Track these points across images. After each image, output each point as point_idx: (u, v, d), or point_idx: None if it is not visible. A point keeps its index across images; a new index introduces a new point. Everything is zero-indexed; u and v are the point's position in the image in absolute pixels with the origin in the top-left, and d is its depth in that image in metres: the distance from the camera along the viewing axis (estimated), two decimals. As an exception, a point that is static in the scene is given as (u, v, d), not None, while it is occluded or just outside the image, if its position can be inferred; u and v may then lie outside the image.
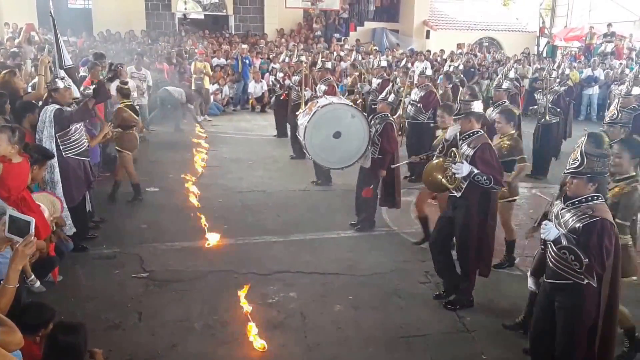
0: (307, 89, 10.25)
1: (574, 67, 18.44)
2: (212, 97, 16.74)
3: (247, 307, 5.08)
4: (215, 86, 17.23)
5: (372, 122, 7.36)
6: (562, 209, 4.02)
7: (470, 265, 5.57)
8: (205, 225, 7.12)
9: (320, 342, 4.93)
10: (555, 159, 10.91)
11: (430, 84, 10.69)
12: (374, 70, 10.73)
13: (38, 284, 5.05)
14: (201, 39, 22.30)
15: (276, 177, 9.97)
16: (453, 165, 5.23)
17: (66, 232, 6.33)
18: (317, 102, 7.84)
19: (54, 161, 6.27)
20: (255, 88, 17.83)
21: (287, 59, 18.77)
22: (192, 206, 8.02)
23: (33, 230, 3.22)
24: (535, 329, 4.38)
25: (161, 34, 22.17)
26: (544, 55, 24.09)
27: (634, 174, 4.81)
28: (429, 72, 11.56)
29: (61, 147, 6.40)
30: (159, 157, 11.04)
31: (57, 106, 6.35)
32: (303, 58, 12.12)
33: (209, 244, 6.87)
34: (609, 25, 22.98)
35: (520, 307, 5.61)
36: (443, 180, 5.52)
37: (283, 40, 23.81)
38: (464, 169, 5.13)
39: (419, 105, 10.13)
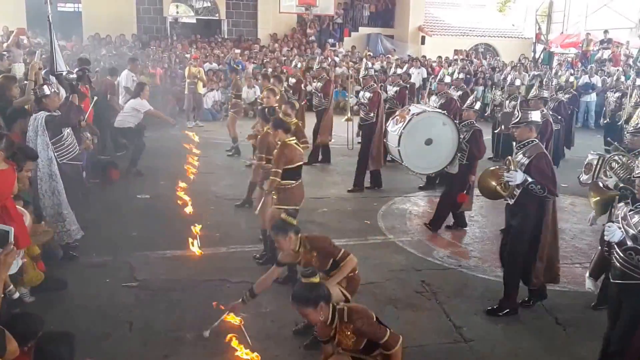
0: (351, 95, 10.41)
1: (572, 74, 18.44)
2: (207, 103, 16.67)
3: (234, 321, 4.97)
4: (213, 92, 17.15)
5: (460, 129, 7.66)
6: (631, 210, 4.00)
7: (515, 271, 5.62)
8: (197, 233, 7.00)
9: (315, 352, 4.81)
10: (556, 167, 10.84)
11: (449, 92, 10.70)
12: (390, 77, 10.73)
13: (17, 295, 4.94)
14: (193, 43, 22.21)
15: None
16: (506, 174, 5.33)
17: (74, 237, 6.40)
18: (410, 110, 8.15)
19: (55, 168, 6.23)
20: (248, 93, 17.73)
21: (299, 65, 18.70)
22: (184, 214, 7.91)
23: (12, 239, 3.15)
24: (610, 328, 4.39)
25: (152, 38, 22.06)
26: (540, 61, 24.12)
27: None
28: (447, 79, 11.65)
29: (55, 154, 6.33)
30: (150, 164, 10.89)
31: (47, 113, 6.26)
32: (342, 70, 12.07)
33: (201, 253, 6.75)
34: (606, 31, 23.06)
35: (519, 316, 5.56)
36: (497, 187, 5.67)
37: (277, 45, 23.77)
38: (517, 177, 5.22)
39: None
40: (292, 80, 13.85)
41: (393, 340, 3.76)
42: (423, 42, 26.17)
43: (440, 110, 8.37)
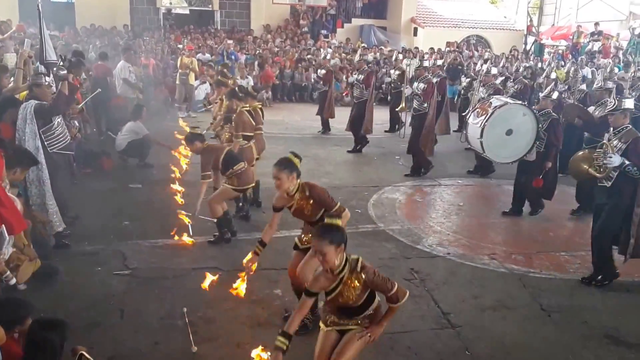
0: (407, 86, 10.64)
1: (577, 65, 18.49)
2: (199, 95, 16.64)
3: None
4: (205, 85, 17.15)
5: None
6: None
7: (607, 246, 6.18)
8: (189, 222, 7.04)
9: (304, 339, 4.88)
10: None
11: (496, 82, 11.11)
12: (417, 71, 10.88)
13: (14, 280, 4.98)
14: (186, 34, 22.15)
15: (260, 174, 9.89)
16: (606, 157, 5.85)
17: (56, 229, 6.34)
18: (491, 102, 8.57)
19: (41, 158, 6.22)
20: (241, 84, 17.72)
21: (328, 57, 18.80)
22: (176, 203, 7.94)
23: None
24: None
25: (145, 29, 21.99)
26: (532, 53, 24.22)
27: None
28: (494, 71, 12.04)
29: (46, 143, 6.34)
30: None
31: (36, 101, 6.27)
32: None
33: (192, 241, 6.81)
34: (596, 24, 23.16)
35: (505, 303, 5.65)
36: (590, 170, 6.24)
37: (269, 36, 23.75)
38: (615, 160, 5.76)
39: None
40: (322, 72, 14.18)
41: (401, 293, 3.79)
42: (415, 34, 26.22)
43: (520, 102, 8.86)
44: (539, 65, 19.27)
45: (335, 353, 3.88)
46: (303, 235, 4.96)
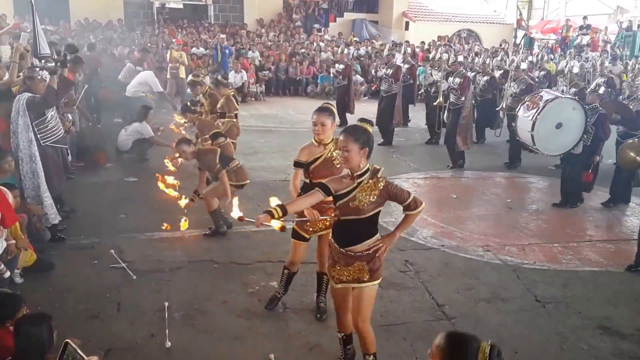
0: (443, 80, 11.26)
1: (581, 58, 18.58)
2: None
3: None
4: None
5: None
6: None
7: None
8: (184, 216, 7.05)
9: (301, 330, 4.93)
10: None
11: (527, 77, 11.21)
12: (453, 65, 11.05)
13: (8, 274, 4.98)
14: (179, 28, 22.11)
15: (256, 168, 9.93)
16: None
17: (51, 222, 6.33)
18: (541, 96, 8.73)
19: (35, 151, 6.21)
20: (235, 78, 17.71)
21: (345, 51, 18.88)
22: (171, 196, 7.94)
23: None
24: None
25: (139, 23, 21.93)
26: (522, 47, 24.31)
27: None
28: (524, 66, 12.15)
29: (39, 136, 6.33)
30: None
31: (29, 94, 6.26)
32: (444, 55, 12.40)
33: (189, 235, 6.82)
34: (585, 18, 23.31)
35: (500, 295, 5.71)
36: (637, 157, 7.00)
37: (263, 30, 23.73)
38: None
39: (521, 97, 10.41)
40: (341, 66, 14.31)
41: (418, 201, 3.82)
42: (407, 28, 26.29)
43: (570, 96, 9.01)
44: (529, 58, 19.32)
45: (352, 313, 3.99)
46: (308, 224, 4.80)
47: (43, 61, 6.91)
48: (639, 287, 6.07)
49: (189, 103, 9.22)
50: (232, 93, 9.23)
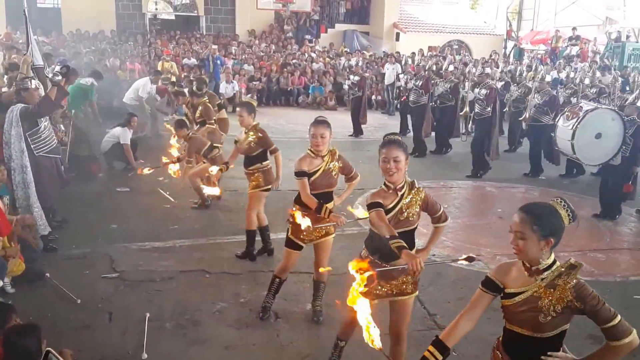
0: (469, 91, 11.74)
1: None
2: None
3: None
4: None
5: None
6: None
7: None
8: (175, 226, 7.07)
9: (293, 340, 4.94)
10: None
11: (550, 89, 11.38)
12: (479, 77, 11.32)
13: (0, 283, 4.97)
14: (171, 39, 22.16)
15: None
16: None
17: (41, 232, 6.32)
18: (582, 106, 9.04)
19: (26, 161, 6.23)
20: (227, 88, 17.76)
21: (360, 63, 19.04)
22: (163, 206, 7.97)
23: None
24: None
25: (131, 34, 21.97)
26: (512, 57, 24.52)
27: None
28: (548, 78, 12.50)
29: (32, 146, 6.35)
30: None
31: (23, 105, 6.29)
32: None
33: (180, 245, 6.83)
34: (574, 28, 23.50)
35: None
36: None
37: (256, 41, 23.83)
38: None
39: (544, 108, 10.84)
40: (356, 78, 14.67)
41: (446, 215, 3.95)
42: (398, 39, 26.45)
43: (610, 107, 9.27)
44: (519, 68, 19.53)
45: (396, 322, 4.08)
46: (304, 233, 4.88)
47: (52, 75, 6.93)
48: (629, 296, 6.11)
49: (184, 118, 9.53)
50: (207, 100, 9.55)
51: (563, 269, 2.72)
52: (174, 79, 15.95)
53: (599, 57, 22.01)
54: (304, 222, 3.74)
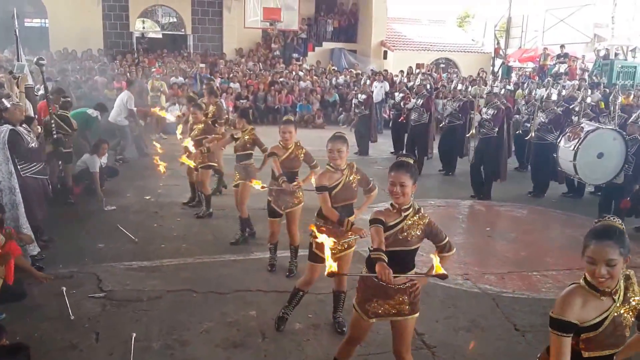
0: (475, 112, 11.47)
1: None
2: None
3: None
4: (176, 107, 17.09)
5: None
6: None
7: None
8: (162, 245, 7.04)
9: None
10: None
11: (555, 107, 11.46)
12: (487, 96, 11.43)
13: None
14: (159, 57, 22.20)
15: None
16: None
17: (30, 253, 6.30)
18: (582, 127, 9.22)
19: (14, 182, 6.20)
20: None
21: (368, 82, 19.17)
22: (150, 225, 7.93)
23: None
24: None
25: (119, 53, 22.01)
26: (499, 75, 24.75)
27: None
28: (554, 97, 12.57)
29: (19, 167, 6.32)
30: (117, 176, 10.90)
31: (10, 127, 6.28)
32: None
33: (167, 264, 6.78)
34: (562, 46, 23.74)
35: (479, 324, 5.73)
36: None
37: (243, 59, 23.92)
38: None
39: (549, 126, 10.92)
40: (363, 97, 14.73)
41: (452, 245, 3.97)
42: (385, 57, 26.64)
43: (611, 127, 9.46)
44: (507, 87, 19.67)
45: (397, 345, 4.12)
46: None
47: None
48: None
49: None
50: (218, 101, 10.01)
51: (623, 282, 2.80)
52: (163, 97, 16.02)
53: (587, 74, 22.26)
54: (326, 241, 3.82)
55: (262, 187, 6.26)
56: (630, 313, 2.78)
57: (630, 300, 2.76)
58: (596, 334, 2.74)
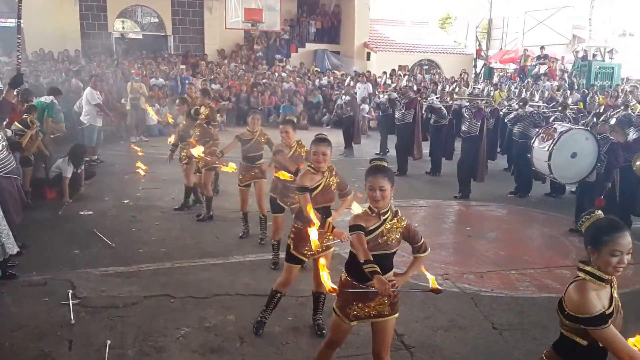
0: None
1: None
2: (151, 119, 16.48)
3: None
4: (156, 108, 16.96)
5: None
6: None
7: None
8: (140, 250, 6.95)
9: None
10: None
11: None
12: (470, 96, 11.54)
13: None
14: (139, 59, 22.00)
15: (216, 199, 9.84)
16: None
17: (9, 252, 6.18)
18: (556, 128, 9.36)
19: None
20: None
21: (352, 83, 19.21)
22: (128, 230, 7.83)
23: None
24: None
25: (97, 54, 21.77)
26: (481, 76, 24.88)
27: None
28: (537, 97, 13.14)
29: None
30: (95, 180, 10.77)
31: None
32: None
33: (145, 269, 6.70)
34: (542, 48, 23.95)
35: (458, 323, 5.72)
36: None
37: (226, 61, 23.80)
38: None
39: (531, 127, 11.12)
40: (347, 98, 14.87)
41: (427, 246, 4.03)
42: (368, 58, 26.68)
43: (583, 127, 9.64)
44: (488, 87, 19.79)
45: (377, 347, 4.11)
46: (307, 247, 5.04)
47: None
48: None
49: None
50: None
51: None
52: (143, 100, 15.87)
53: (567, 75, 22.47)
54: (313, 234, 3.91)
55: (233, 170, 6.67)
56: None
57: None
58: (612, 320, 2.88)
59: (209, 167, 8.54)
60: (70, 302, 5.58)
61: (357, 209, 4.33)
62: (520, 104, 11.97)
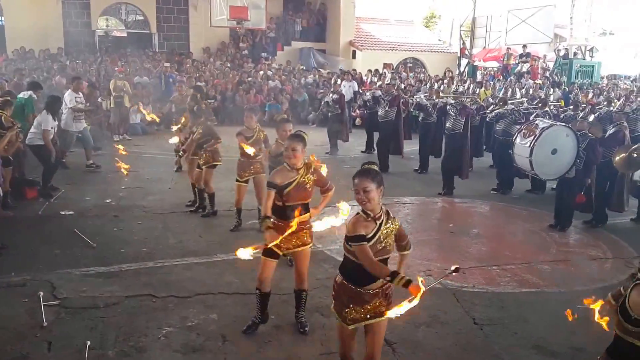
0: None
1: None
2: (135, 117, 16.39)
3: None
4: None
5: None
6: None
7: None
8: (122, 249, 6.90)
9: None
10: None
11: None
12: (455, 94, 11.57)
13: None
14: (123, 57, 21.85)
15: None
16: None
17: None
18: (537, 124, 9.48)
19: None
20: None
21: (339, 81, 19.10)
22: (110, 230, 7.78)
23: None
24: None
25: (80, 52, 21.57)
26: (465, 74, 24.97)
27: None
28: (518, 95, 13.27)
29: None
30: (76, 180, 10.69)
31: None
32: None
33: (126, 269, 6.65)
34: (524, 46, 24.10)
35: (439, 318, 5.74)
36: (634, 154, 8.73)
37: (211, 59, 23.71)
38: None
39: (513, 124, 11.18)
40: (335, 96, 14.72)
41: (410, 244, 4.15)
42: (354, 56, 26.69)
43: (564, 124, 9.65)
44: (473, 85, 19.87)
45: (371, 347, 4.07)
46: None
47: None
48: (573, 307, 6.17)
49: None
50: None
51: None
52: (127, 97, 15.76)
53: (548, 73, 22.65)
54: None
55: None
56: None
57: None
58: None
59: (210, 165, 8.61)
60: (42, 303, 5.51)
61: (345, 209, 4.32)
62: (500, 103, 12.02)
